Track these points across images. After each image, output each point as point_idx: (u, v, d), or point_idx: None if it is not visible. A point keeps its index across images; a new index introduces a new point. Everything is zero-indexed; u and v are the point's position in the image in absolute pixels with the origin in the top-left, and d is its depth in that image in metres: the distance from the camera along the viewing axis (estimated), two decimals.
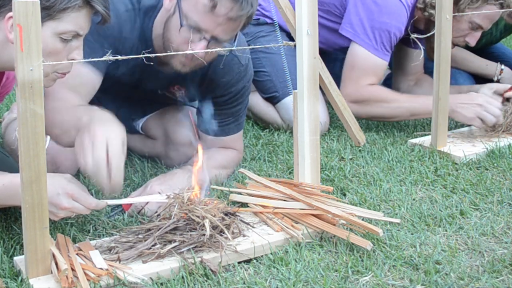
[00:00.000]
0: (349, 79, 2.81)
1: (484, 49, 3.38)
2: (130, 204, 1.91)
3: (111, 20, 1.75)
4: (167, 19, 2.00)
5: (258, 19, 3.04)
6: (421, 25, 2.86)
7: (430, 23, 2.69)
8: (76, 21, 1.66)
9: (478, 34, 2.82)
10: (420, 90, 2.98)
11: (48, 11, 1.62)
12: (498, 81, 3.22)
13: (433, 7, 2.58)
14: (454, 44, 2.78)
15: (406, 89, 3.04)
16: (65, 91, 1.92)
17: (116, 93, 2.19)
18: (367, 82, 2.79)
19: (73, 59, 1.70)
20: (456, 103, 2.67)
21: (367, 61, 2.78)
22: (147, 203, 1.91)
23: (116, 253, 1.64)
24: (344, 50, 2.89)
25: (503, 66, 3.23)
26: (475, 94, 2.75)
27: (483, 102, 2.65)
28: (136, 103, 2.36)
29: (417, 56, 2.93)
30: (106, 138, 1.63)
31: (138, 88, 2.22)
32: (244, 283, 1.58)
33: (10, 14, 1.58)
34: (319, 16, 2.88)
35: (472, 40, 2.82)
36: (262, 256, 1.70)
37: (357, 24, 2.79)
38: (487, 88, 2.82)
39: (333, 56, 3.05)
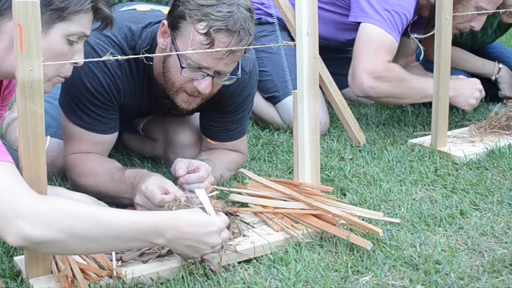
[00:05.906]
0: (367, 54, 2.70)
1: (481, 49, 3.38)
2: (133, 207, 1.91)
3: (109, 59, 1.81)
4: (164, 58, 1.96)
5: (260, 18, 3.01)
6: (425, 12, 2.85)
7: (434, 10, 2.68)
8: (84, 23, 1.66)
9: (483, 19, 2.82)
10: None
11: (61, 13, 1.61)
12: (496, 80, 3.23)
13: None
14: (459, 30, 2.79)
15: None
16: (92, 162, 2.01)
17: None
18: (386, 59, 2.71)
19: (75, 63, 1.70)
20: (459, 89, 2.67)
21: (383, 37, 2.71)
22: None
23: (117, 253, 1.64)
24: (350, 43, 2.84)
25: (500, 65, 3.24)
26: (474, 80, 2.81)
27: (481, 87, 2.74)
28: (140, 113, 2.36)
29: (408, 42, 2.90)
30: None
31: (145, 111, 2.24)
32: (244, 283, 1.58)
33: None
34: (324, 9, 2.88)
35: (478, 24, 2.82)
36: (262, 256, 1.71)
37: (368, 7, 2.74)
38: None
39: (335, 55, 3.05)
